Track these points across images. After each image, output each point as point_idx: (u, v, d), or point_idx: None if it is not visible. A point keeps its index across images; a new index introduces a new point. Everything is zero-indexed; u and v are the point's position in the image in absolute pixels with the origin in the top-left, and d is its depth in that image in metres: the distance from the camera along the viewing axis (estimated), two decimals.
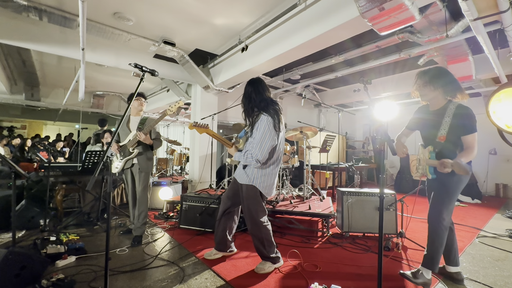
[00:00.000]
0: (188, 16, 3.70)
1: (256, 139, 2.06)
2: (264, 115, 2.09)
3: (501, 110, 3.05)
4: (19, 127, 10.68)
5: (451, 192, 1.94)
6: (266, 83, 2.26)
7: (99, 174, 1.50)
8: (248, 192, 2.16)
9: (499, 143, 6.17)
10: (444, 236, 1.96)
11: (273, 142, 2.09)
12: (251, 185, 2.14)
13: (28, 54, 5.27)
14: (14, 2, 3.01)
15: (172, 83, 6.27)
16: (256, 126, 2.11)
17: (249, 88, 2.22)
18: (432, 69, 2.03)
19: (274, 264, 2.23)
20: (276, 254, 2.25)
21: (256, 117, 2.15)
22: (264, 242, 2.18)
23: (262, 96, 2.18)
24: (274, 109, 2.14)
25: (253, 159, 2.06)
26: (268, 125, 2.05)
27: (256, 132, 2.08)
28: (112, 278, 2.03)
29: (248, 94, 2.20)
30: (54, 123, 10.15)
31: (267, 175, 2.17)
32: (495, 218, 4.18)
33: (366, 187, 4.69)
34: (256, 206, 2.16)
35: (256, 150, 2.04)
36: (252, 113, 2.18)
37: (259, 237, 2.18)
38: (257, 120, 2.12)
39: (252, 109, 2.18)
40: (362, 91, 6.60)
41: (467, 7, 2.30)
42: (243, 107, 2.25)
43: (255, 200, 2.16)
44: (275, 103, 2.19)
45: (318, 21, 3.05)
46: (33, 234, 2.94)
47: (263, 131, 2.04)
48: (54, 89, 7.81)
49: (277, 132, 2.11)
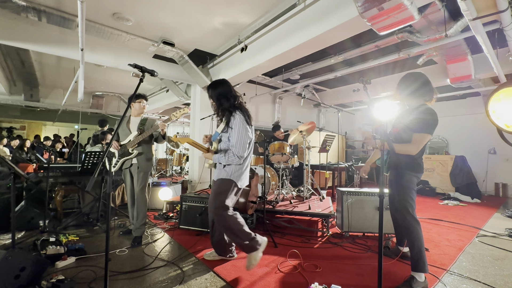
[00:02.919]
0: (187, 16, 3.70)
1: (235, 137, 2.10)
2: (237, 113, 2.15)
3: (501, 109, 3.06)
4: (19, 128, 10.65)
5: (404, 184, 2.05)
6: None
7: (98, 175, 1.50)
8: (222, 185, 2.15)
9: (498, 143, 6.19)
10: (418, 232, 1.99)
11: (249, 136, 2.17)
12: (228, 178, 2.15)
13: (27, 55, 5.26)
14: (13, 3, 3.00)
15: (171, 84, 6.26)
16: (231, 124, 2.15)
17: (219, 89, 2.23)
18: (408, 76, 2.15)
19: (258, 250, 2.12)
20: (253, 238, 2.15)
21: (230, 116, 2.18)
22: (236, 231, 2.11)
23: (234, 95, 2.23)
24: (243, 105, 2.23)
25: (235, 157, 2.09)
26: (242, 122, 2.12)
27: (233, 130, 2.12)
28: (112, 279, 2.02)
29: (221, 95, 2.21)
30: (53, 123, 10.13)
31: (243, 168, 2.21)
32: (494, 218, 4.18)
33: (365, 186, 4.69)
34: (226, 197, 2.14)
35: (238, 147, 2.09)
36: (227, 113, 2.21)
37: (228, 227, 2.11)
38: (232, 119, 2.16)
39: (227, 109, 2.20)
40: (361, 91, 6.60)
41: (466, 6, 2.30)
42: (216, 108, 2.26)
43: (227, 192, 2.14)
44: (241, 98, 2.27)
45: (317, 21, 3.05)
46: (32, 235, 2.93)
47: (239, 128, 2.10)
48: (53, 89, 7.80)
49: (250, 127, 2.19)
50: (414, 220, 2.00)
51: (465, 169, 6.22)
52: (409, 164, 2.05)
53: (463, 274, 2.20)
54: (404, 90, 2.11)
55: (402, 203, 2.04)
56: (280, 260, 2.41)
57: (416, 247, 1.96)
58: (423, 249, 1.97)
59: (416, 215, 2.02)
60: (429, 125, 1.96)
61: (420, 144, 1.95)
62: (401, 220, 2.07)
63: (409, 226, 1.99)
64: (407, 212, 2.01)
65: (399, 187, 2.07)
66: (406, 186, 2.03)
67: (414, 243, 1.97)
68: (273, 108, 7.94)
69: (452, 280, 2.10)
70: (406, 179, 2.04)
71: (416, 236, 1.97)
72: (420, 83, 2.06)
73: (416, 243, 1.96)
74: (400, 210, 2.05)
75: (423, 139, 1.94)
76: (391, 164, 2.13)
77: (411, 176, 2.04)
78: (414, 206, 2.03)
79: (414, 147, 1.95)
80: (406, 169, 2.06)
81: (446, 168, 6.44)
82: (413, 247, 1.97)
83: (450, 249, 2.74)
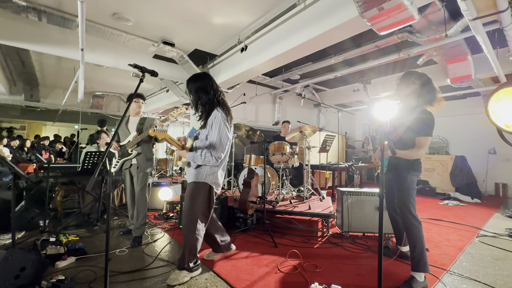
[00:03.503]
0: (188, 16, 3.70)
1: (215, 136, 1.96)
2: (218, 111, 2.00)
3: (501, 109, 3.05)
4: (19, 128, 10.66)
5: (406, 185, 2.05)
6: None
7: (98, 175, 1.50)
8: (197, 189, 2.01)
9: (498, 143, 6.18)
10: (419, 232, 1.98)
11: (229, 138, 2.04)
12: (202, 181, 2.00)
13: (27, 55, 5.27)
14: (13, 3, 3.01)
15: (171, 84, 6.26)
16: (210, 122, 2.00)
17: (200, 83, 2.07)
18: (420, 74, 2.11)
19: (191, 273, 2.04)
20: (195, 263, 2.08)
21: (210, 112, 2.04)
22: (192, 249, 2.01)
23: (215, 88, 2.09)
24: (225, 102, 2.10)
25: (212, 158, 1.94)
26: (223, 122, 1.97)
27: (212, 129, 1.97)
28: (112, 279, 2.02)
29: (200, 89, 2.06)
30: (53, 123, 10.14)
31: (220, 171, 2.08)
32: (494, 218, 4.18)
33: (366, 186, 4.70)
34: (201, 205, 2.00)
35: (217, 148, 1.95)
36: (206, 108, 2.06)
37: (190, 242, 1.98)
38: (212, 116, 2.01)
39: (206, 104, 2.05)
40: (361, 91, 6.61)
41: (466, 6, 2.30)
42: (195, 102, 2.10)
43: (201, 197, 2.00)
44: (223, 94, 2.13)
45: (318, 21, 3.05)
46: (32, 235, 2.93)
47: (219, 128, 1.96)
48: (54, 89, 7.80)
49: (230, 128, 2.06)
50: (416, 220, 1.99)
51: (465, 169, 6.22)
52: (409, 164, 2.05)
53: (463, 274, 2.20)
54: (416, 91, 2.07)
55: (403, 203, 2.03)
56: (280, 260, 2.41)
57: (417, 247, 1.96)
58: (425, 249, 1.97)
59: (417, 215, 2.02)
60: (430, 126, 1.99)
61: (426, 146, 1.99)
62: (402, 221, 2.07)
63: (410, 226, 1.99)
64: (408, 212, 2.00)
65: (401, 187, 2.07)
66: (408, 186, 2.03)
67: (416, 243, 1.97)
68: (273, 108, 7.95)
69: (452, 280, 2.10)
70: (408, 179, 2.03)
71: (418, 236, 1.97)
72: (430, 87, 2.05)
73: (418, 243, 1.96)
74: (401, 210, 2.05)
75: (427, 141, 1.99)
76: (391, 164, 2.13)
77: (412, 176, 2.04)
78: (415, 206, 2.03)
79: (422, 150, 1.98)
80: (406, 169, 2.05)
81: (446, 168, 6.44)
82: (415, 247, 1.97)
83: (450, 249, 2.74)
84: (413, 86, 2.07)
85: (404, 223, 2.05)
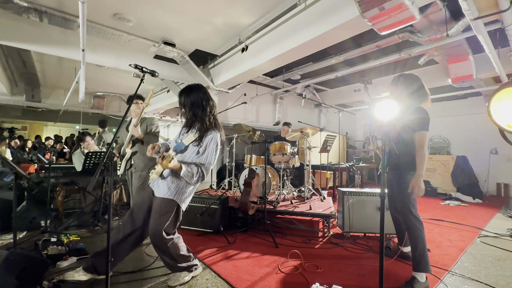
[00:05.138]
0: (188, 17, 3.70)
1: (207, 159, 1.87)
2: (216, 133, 1.91)
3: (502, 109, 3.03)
4: (20, 128, 10.69)
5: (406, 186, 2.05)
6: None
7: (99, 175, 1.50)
8: (165, 206, 1.87)
9: (500, 143, 6.15)
10: (421, 232, 1.99)
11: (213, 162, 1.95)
12: (171, 199, 1.87)
13: (28, 55, 5.28)
14: (15, 4, 3.01)
15: (172, 84, 6.27)
16: (205, 141, 1.88)
17: (195, 96, 1.93)
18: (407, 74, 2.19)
19: (191, 273, 2.04)
20: (191, 261, 2.04)
21: (206, 131, 1.91)
22: (174, 256, 1.94)
23: (212, 106, 1.98)
24: (218, 123, 2.00)
25: (203, 176, 1.86)
26: (217, 144, 1.91)
27: (206, 149, 1.88)
28: (113, 279, 2.02)
29: (196, 104, 1.93)
30: (54, 124, 10.16)
31: (192, 190, 1.98)
32: (496, 218, 4.17)
33: (367, 187, 4.69)
34: (168, 221, 1.89)
35: (207, 170, 1.88)
36: (201, 126, 1.93)
37: (165, 251, 1.92)
38: (208, 135, 1.89)
39: (201, 120, 1.93)
40: (362, 91, 6.60)
41: (468, 6, 2.30)
42: (189, 118, 1.96)
43: (168, 214, 1.88)
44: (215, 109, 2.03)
45: (318, 21, 3.05)
46: (34, 235, 2.94)
47: (213, 150, 1.89)
48: (55, 90, 7.82)
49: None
50: (417, 221, 1.99)
51: (466, 169, 6.20)
52: (410, 164, 2.04)
53: (465, 275, 2.19)
54: (404, 90, 2.13)
55: (404, 203, 2.03)
56: (281, 260, 2.41)
57: (419, 248, 1.96)
58: (426, 249, 1.97)
59: (418, 215, 2.01)
60: (423, 122, 2.02)
61: (424, 142, 2.00)
62: (403, 221, 2.07)
63: (411, 226, 1.99)
64: (409, 213, 2.00)
65: (401, 188, 2.07)
66: (408, 186, 2.03)
67: (417, 243, 1.96)
68: (274, 108, 7.94)
69: (454, 281, 2.10)
70: (408, 179, 2.03)
71: (419, 236, 1.97)
72: (418, 85, 2.12)
73: (419, 244, 1.96)
74: (402, 210, 2.05)
75: (423, 136, 2.01)
76: (391, 164, 2.12)
77: (412, 176, 2.04)
78: (416, 207, 2.03)
79: (422, 149, 1.98)
80: (407, 169, 2.05)
81: (447, 168, 6.42)
82: (416, 248, 1.97)
83: (451, 250, 2.73)
84: (401, 86, 2.14)
85: (405, 223, 2.04)
